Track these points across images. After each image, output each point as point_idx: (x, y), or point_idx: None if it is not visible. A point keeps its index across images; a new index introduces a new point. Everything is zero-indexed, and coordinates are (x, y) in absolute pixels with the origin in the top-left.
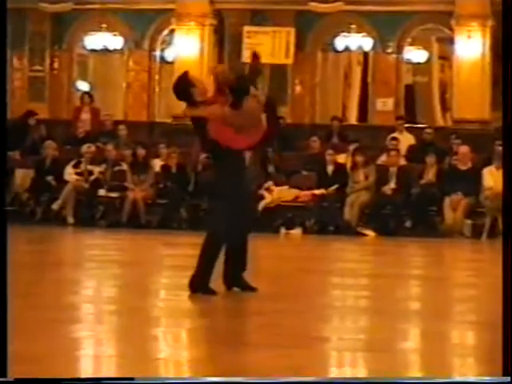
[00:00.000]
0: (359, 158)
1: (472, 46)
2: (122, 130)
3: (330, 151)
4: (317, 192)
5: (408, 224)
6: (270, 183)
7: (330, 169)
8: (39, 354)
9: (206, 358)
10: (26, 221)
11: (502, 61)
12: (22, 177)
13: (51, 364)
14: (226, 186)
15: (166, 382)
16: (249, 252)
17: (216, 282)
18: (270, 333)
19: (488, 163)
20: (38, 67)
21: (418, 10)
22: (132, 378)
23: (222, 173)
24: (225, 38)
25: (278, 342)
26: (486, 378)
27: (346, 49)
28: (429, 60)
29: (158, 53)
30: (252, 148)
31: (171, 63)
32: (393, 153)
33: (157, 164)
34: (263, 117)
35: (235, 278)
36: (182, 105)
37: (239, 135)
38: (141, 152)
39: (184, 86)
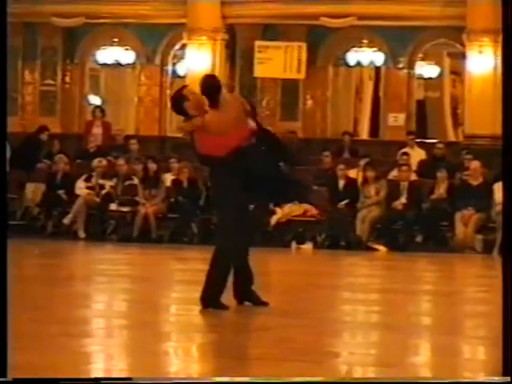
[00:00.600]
0: (370, 173)
1: (483, 61)
2: (134, 145)
3: (341, 166)
4: (323, 209)
5: (419, 239)
6: None
7: (341, 184)
8: (50, 368)
9: (217, 372)
10: (36, 235)
11: (503, 75)
12: (33, 191)
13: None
14: (219, 198)
15: (165, 382)
16: (260, 267)
17: (227, 296)
18: (281, 347)
19: (499, 178)
20: (49, 81)
21: (430, 26)
22: (130, 378)
23: (213, 184)
24: (236, 52)
25: (289, 356)
26: (486, 378)
27: (358, 64)
28: (440, 75)
29: (169, 67)
30: (234, 153)
31: (183, 78)
32: (404, 168)
33: (168, 178)
34: (250, 122)
35: (246, 293)
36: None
37: (219, 139)
38: (152, 166)
39: (178, 101)
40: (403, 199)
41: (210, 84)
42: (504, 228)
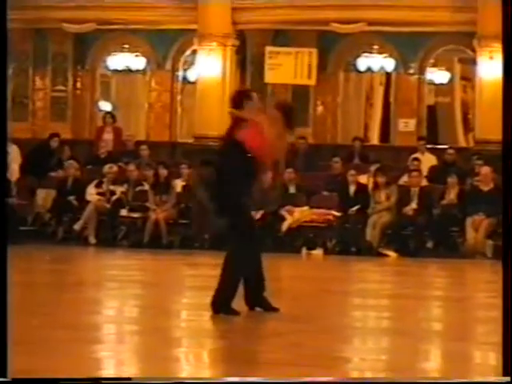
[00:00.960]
0: (381, 179)
1: (494, 67)
2: (144, 150)
3: (352, 171)
4: (334, 213)
5: (429, 245)
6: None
7: (351, 189)
8: (60, 374)
9: (228, 376)
10: (47, 241)
11: (503, 78)
12: (44, 197)
13: None
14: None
15: (164, 382)
16: (270, 272)
17: (238, 302)
18: (292, 353)
19: None
20: (60, 87)
21: (440, 31)
22: (129, 378)
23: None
24: (247, 58)
25: (300, 362)
26: (486, 378)
27: (368, 69)
28: (451, 81)
29: (180, 73)
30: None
31: (193, 83)
32: (415, 173)
33: (178, 184)
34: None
35: (257, 299)
36: (205, 125)
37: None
38: (163, 172)
39: (241, 96)
40: (414, 205)
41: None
42: (504, 231)
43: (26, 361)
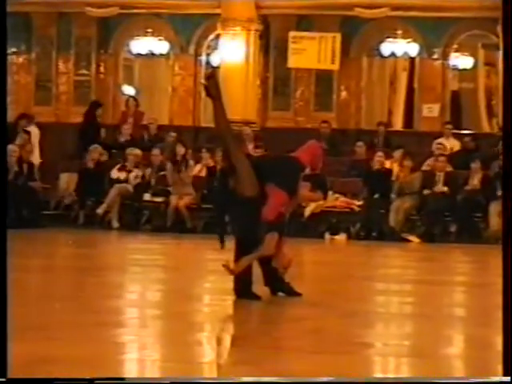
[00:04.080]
0: (405, 163)
1: None
2: (171, 137)
3: (379, 153)
4: (357, 203)
5: (453, 230)
6: None
7: (375, 174)
8: (83, 358)
9: (250, 362)
10: (70, 225)
11: (503, 77)
12: (67, 181)
13: (95, 367)
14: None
15: (158, 381)
16: (294, 257)
17: (262, 286)
18: (314, 338)
19: None
20: (83, 71)
21: (464, 17)
22: (123, 378)
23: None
24: (270, 43)
25: (322, 347)
26: (486, 378)
27: (392, 54)
28: (475, 66)
29: (203, 57)
30: None
31: (217, 68)
32: (441, 158)
33: (200, 168)
34: None
35: (278, 282)
36: (229, 109)
37: None
38: (180, 150)
39: None
40: (440, 187)
41: None
42: (504, 230)
43: (49, 345)
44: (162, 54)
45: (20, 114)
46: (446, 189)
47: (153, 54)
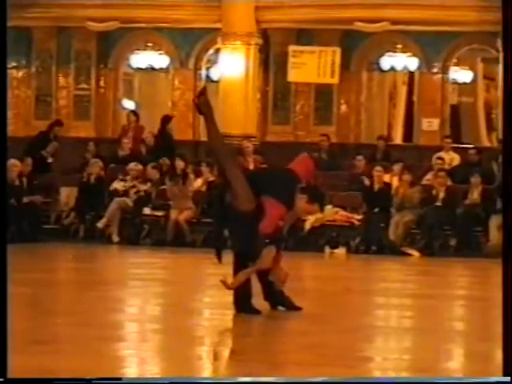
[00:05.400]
0: (405, 178)
1: None
2: None
3: (378, 168)
4: (357, 217)
5: (453, 244)
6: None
7: (375, 188)
8: (84, 371)
9: (249, 376)
10: (70, 239)
11: (503, 77)
12: (67, 195)
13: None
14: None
15: (155, 381)
16: (293, 271)
17: (262, 300)
18: (314, 352)
19: None
20: (83, 85)
21: (464, 31)
22: (120, 378)
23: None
24: (270, 57)
25: (322, 361)
26: (486, 378)
27: (392, 68)
28: (474, 80)
29: (203, 72)
30: None
31: (216, 82)
32: (441, 173)
33: (200, 182)
34: None
35: (278, 296)
36: (228, 124)
37: None
38: (179, 164)
39: None
40: (438, 203)
41: None
42: (504, 232)
43: (50, 359)
44: (161, 68)
45: (55, 121)
46: (445, 203)
47: (153, 68)
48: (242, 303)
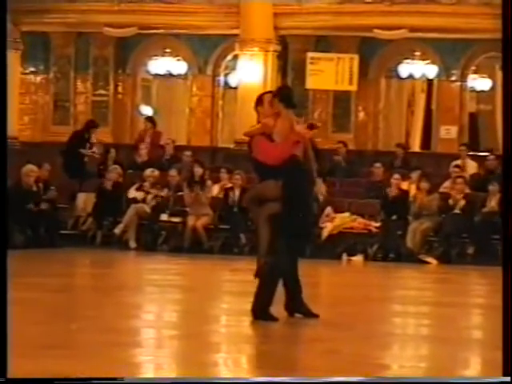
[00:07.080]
0: (423, 185)
1: None
2: (188, 157)
3: (396, 175)
4: (374, 224)
5: (470, 252)
6: (329, 210)
7: (393, 195)
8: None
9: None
10: (87, 244)
11: (503, 79)
12: (85, 201)
13: None
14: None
15: (156, 382)
16: (311, 278)
17: (279, 308)
18: (331, 359)
19: None
20: (101, 91)
21: (482, 38)
22: (122, 378)
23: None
24: (288, 63)
25: (339, 368)
26: (486, 378)
27: (410, 76)
28: (492, 88)
29: (221, 78)
30: (284, 163)
31: (235, 88)
32: (459, 180)
33: (217, 189)
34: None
35: (297, 304)
36: (246, 129)
37: (275, 148)
38: (197, 171)
39: (255, 104)
40: (457, 211)
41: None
42: (504, 233)
43: (66, 364)
44: (179, 75)
45: (89, 121)
46: (463, 211)
47: (171, 75)
48: (260, 310)
